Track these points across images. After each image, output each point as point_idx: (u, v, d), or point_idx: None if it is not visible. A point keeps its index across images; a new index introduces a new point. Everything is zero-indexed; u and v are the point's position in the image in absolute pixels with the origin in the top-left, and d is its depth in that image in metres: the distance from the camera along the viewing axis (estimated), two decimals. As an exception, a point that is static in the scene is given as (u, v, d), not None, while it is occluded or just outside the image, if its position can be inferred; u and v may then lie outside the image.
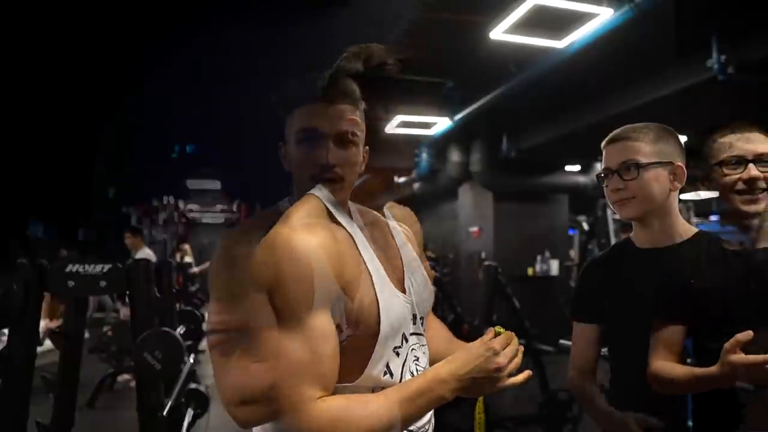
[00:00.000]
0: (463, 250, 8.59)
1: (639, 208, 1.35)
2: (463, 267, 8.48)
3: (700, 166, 1.47)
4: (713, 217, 19.00)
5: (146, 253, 5.90)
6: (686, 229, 1.39)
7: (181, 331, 2.98)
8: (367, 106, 1.09)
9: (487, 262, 4.47)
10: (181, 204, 9.74)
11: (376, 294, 0.98)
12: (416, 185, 9.55)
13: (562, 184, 7.93)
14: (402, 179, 1.24)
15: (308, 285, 0.89)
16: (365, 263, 1.00)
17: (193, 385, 3.26)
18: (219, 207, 10.08)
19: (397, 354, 1.02)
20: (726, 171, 1.38)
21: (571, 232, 11.15)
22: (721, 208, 1.44)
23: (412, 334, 1.06)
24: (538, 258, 7.78)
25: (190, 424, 2.92)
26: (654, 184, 1.33)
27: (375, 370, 0.98)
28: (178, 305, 4.38)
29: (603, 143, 1.44)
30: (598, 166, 5.85)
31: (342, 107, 1.03)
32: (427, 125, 6.89)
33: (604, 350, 1.50)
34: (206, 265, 9.09)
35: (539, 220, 8.04)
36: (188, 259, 9.51)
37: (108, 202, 9.39)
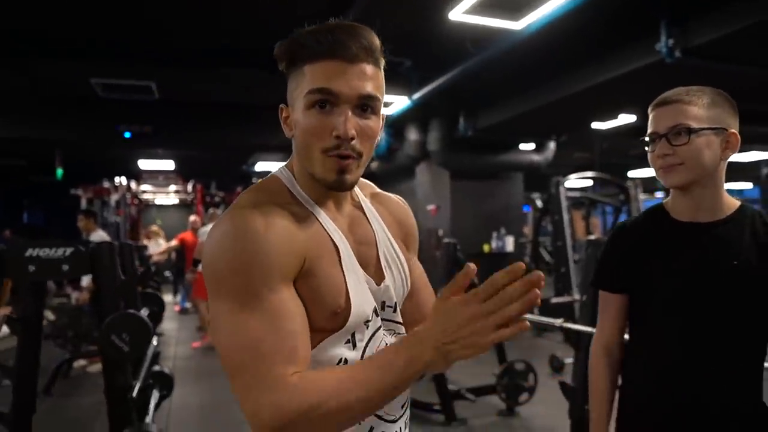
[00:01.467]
0: (421, 228, 8.63)
1: (686, 176, 1.25)
2: (422, 244, 8.60)
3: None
4: (659, 194, 19.82)
5: (100, 235, 5.76)
6: (730, 203, 1.30)
7: (146, 314, 2.95)
8: None
9: (446, 240, 4.57)
10: (133, 185, 9.51)
11: (343, 271, 0.90)
12: (374, 164, 9.58)
13: (517, 162, 8.10)
14: None
15: (263, 262, 0.81)
16: (334, 243, 0.91)
17: (157, 368, 3.26)
18: (173, 188, 9.87)
19: (367, 326, 0.93)
20: (648, 150, 1.33)
21: (525, 209, 11.42)
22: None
23: (383, 320, 0.98)
24: (494, 235, 7.96)
25: (156, 406, 2.92)
26: (705, 151, 1.23)
27: (338, 338, 0.90)
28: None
29: (651, 106, 1.31)
30: (552, 145, 6.06)
31: (365, 66, 0.87)
32: (385, 104, 6.91)
33: None
34: (163, 248, 8.93)
35: (495, 197, 8.21)
36: (161, 240, 9.30)
37: (56, 183, 9.05)
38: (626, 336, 1.43)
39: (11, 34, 4.97)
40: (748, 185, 15.88)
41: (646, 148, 1.32)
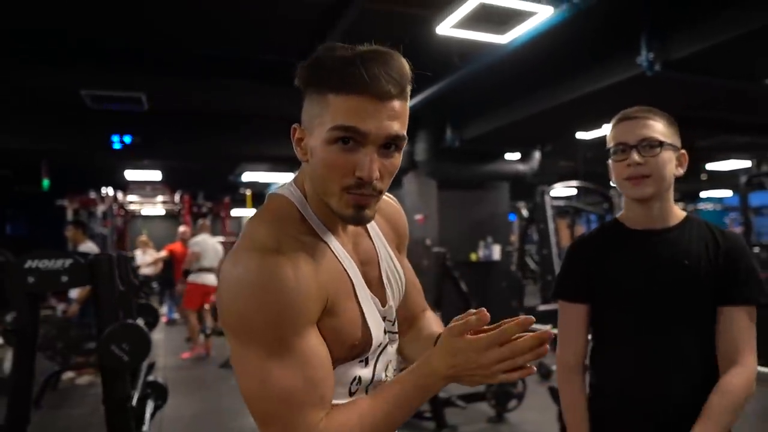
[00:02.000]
0: (409, 237, 8.74)
1: (652, 187, 1.33)
2: (410, 253, 8.65)
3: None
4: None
5: (89, 247, 5.76)
6: (678, 213, 1.41)
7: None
8: None
9: (435, 249, 4.65)
10: (120, 195, 9.46)
11: (359, 304, 0.91)
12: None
13: (503, 171, 8.19)
14: None
15: (293, 312, 0.80)
16: (348, 276, 0.91)
17: (151, 378, 3.28)
18: (160, 198, 9.84)
19: (378, 347, 0.96)
20: (612, 159, 1.39)
21: (511, 218, 11.54)
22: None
23: (387, 331, 1.00)
24: (481, 243, 8.03)
25: (152, 415, 2.95)
26: (668, 165, 1.33)
27: (347, 372, 0.92)
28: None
29: (615, 119, 1.39)
30: (537, 155, 6.19)
31: (395, 103, 0.83)
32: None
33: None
34: (153, 258, 8.90)
35: (481, 206, 8.30)
36: (151, 251, 9.27)
37: (40, 194, 8.97)
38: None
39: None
40: (728, 193, 16.19)
41: (610, 159, 1.39)
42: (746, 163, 10.96)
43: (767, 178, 8.77)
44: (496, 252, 8.02)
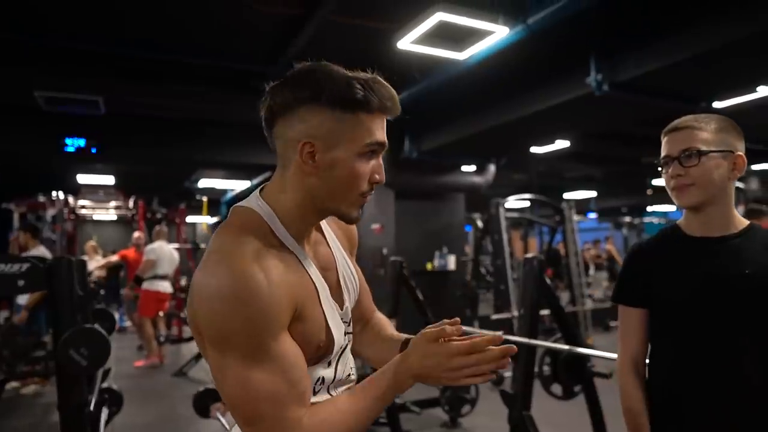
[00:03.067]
0: (366, 246, 8.84)
1: (697, 196, 1.34)
2: (366, 262, 8.74)
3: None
4: (591, 215, 20.60)
5: (41, 251, 5.61)
6: (740, 220, 1.38)
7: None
8: None
9: (393, 258, 4.73)
10: (71, 200, 9.20)
11: (323, 310, 0.98)
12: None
13: (459, 183, 8.36)
14: None
15: (267, 318, 0.86)
16: (314, 284, 0.98)
17: (106, 384, 3.24)
18: (113, 203, 9.60)
19: (339, 350, 1.04)
20: (662, 171, 1.43)
21: (467, 229, 11.76)
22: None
23: (347, 333, 1.08)
24: (437, 253, 8.17)
25: (106, 423, 2.91)
26: (714, 171, 1.32)
27: (312, 374, 0.98)
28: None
29: (663, 132, 1.42)
30: (492, 167, 6.40)
31: (387, 118, 1.00)
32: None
33: None
34: (102, 262, 8.68)
35: (437, 217, 8.45)
36: (99, 258, 9.03)
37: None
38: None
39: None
40: (672, 207, 16.89)
41: (660, 170, 1.42)
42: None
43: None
44: (452, 262, 8.17)
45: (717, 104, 5.74)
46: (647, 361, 1.46)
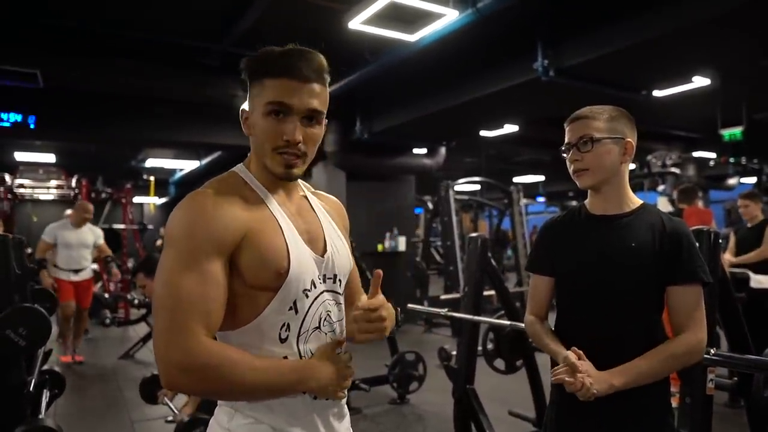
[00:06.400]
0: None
1: (593, 178, 1.52)
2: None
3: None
4: (540, 198, 21.03)
5: (-25, 231, 5.36)
6: (634, 200, 1.56)
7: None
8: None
9: (343, 239, 4.78)
10: (7, 178, 8.80)
11: (285, 240, 1.08)
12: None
13: (410, 165, 8.42)
14: None
15: (207, 235, 1.00)
16: (276, 219, 1.09)
17: (47, 366, 3.16)
18: (54, 182, 9.23)
19: (306, 296, 1.10)
20: (565, 156, 1.59)
21: (417, 211, 11.88)
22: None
23: (325, 291, 1.14)
24: (387, 235, 8.23)
25: (47, 405, 2.85)
26: (606, 156, 1.50)
27: (282, 304, 1.07)
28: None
29: (566, 122, 1.58)
30: (443, 150, 6.49)
31: (314, 85, 1.08)
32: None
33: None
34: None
35: (388, 199, 8.49)
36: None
37: None
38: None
39: None
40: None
41: (564, 155, 1.58)
42: (630, 166, 11.91)
43: (646, 179, 9.60)
44: (402, 243, 8.24)
45: (657, 93, 5.98)
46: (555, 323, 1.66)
